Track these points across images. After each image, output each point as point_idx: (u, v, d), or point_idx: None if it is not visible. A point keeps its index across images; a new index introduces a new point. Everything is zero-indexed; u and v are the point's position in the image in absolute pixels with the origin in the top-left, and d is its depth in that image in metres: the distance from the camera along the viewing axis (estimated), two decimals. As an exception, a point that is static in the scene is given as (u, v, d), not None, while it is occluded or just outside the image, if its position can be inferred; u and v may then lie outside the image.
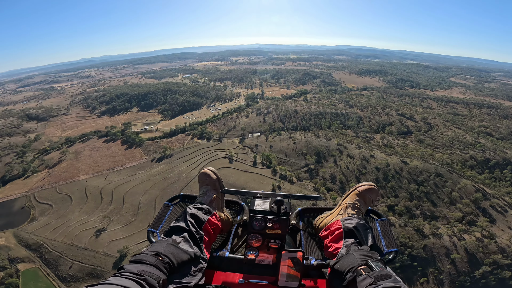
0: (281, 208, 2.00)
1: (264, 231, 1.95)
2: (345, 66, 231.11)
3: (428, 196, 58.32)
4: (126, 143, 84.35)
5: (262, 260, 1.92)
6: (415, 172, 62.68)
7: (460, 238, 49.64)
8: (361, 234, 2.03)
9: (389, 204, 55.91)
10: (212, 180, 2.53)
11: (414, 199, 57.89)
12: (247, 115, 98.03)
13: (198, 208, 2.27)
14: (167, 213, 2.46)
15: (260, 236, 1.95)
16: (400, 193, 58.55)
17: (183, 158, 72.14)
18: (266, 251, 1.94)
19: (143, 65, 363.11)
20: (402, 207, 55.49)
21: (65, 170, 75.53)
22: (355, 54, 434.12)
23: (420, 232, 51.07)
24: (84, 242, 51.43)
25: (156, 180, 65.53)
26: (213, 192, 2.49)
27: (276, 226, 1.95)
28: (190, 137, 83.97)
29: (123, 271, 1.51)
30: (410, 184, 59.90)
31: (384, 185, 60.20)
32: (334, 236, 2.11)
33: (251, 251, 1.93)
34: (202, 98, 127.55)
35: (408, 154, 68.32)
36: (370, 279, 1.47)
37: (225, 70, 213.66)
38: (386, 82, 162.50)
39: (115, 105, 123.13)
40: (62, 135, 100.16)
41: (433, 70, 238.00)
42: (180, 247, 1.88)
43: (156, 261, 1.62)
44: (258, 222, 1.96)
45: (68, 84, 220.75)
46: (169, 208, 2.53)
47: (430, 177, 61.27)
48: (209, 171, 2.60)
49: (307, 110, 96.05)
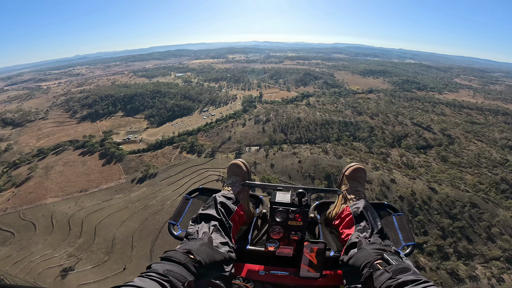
0: (302, 201, 1.95)
1: (285, 223, 1.91)
2: (346, 66, 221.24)
3: (463, 231, 48.90)
4: (105, 157, 73.22)
5: (282, 252, 1.94)
6: (447, 203, 52.95)
7: (499, 279, 42.35)
8: (369, 217, 1.99)
9: (417, 243, 46.25)
10: (243, 172, 2.49)
11: (447, 236, 48.47)
12: (244, 123, 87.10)
13: (227, 197, 2.21)
14: (187, 206, 2.43)
15: (282, 228, 1.92)
16: (430, 228, 48.98)
17: (168, 180, 61.36)
18: (286, 243, 1.94)
19: (136, 62, 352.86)
20: (433, 245, 45.99)
21: (32, 191, 64.48)
22: (354, 53, 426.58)
23: (454, 275, 43.08)
24: (48, 282, 44.70)
25: (135, 208, 54.84)
26: None
27: (298, 217, 1.91)
28: (178, 150, 72.93)
29: (149, 271, 1.47)
30: (442, 218, 50.24)
31: (410, 219, 50.37)
32: (345, 222, 2.10)
33: (271, 243, 1.92)
34: (194, 101, 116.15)
35: (435, 178, 58.48)
36: (388, 273, 1.40)
37: (220, 69, 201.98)
38: (391, 84, 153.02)
39: (98, 109, 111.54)
40: (36, 144, 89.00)
41: (436, 71, 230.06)
42: (214, 247, 1.79)
43: (186, 259, 1.56)
44: (280, 213, 1.91)
45: (55, 82, 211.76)
46: (189, 201, 2.49)
47: (465, 208, 51.78)
48: (241, 162, 2.52)
49: (312, 118, 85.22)
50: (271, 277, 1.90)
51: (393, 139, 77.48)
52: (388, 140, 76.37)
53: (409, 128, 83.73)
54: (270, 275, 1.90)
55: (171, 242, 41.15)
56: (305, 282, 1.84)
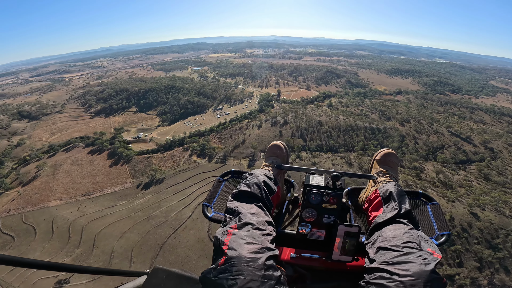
0: (336, 184, 1.92)
1: (319, 205, 1.89)
2: (370, 64, 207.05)
3: (502, 262, 40.57)
4: (113, 156, 69.86)
5: (314, 235, 1.92)
6: (489, 230, 44.34)
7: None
8: (397, 198, 1.92)
9: (448, 274, 38.60)
10: (283, 154, 2.47)
11: (484, 267, 40.29)
12: (260, 125, 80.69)
13: (269, 177, 2.14)
14: (220, 188, 2.44)
15: (315, 210, 1.89)
16: (467, 259, 40.87)
17: (175, 187, 56.57)
18: (318, 227, 1.91)
19: (156, 55, 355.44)
20: (466, 278, 38.25)
21: (37, 191, 62.18)
22: (378, 50, 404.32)
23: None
24: (43, 294, 40.88)
25: (138, 219, 50.51)
26: None
27: (332, 200, 1.88)
28: (188, 153, 68.04)
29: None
30: (482, 248, 41.92)
31: (445, 248, 42.34)
32: (374, 205, 2.06)
33: (303, 226, 1.90)
34: (209, 98, 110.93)
35: (478, 202, 49.56)
36: None
37: (238, 64, 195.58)
38: (422, 85, 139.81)
39: (112, 103, 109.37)
40: (49, 139, 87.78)
41: (470, 72, 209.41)
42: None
43: None
44: (315, 196, 1.88)
45: (78, 74, 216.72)
46: (221, 183, 2.50)
47: (508, 237, 43.06)
48: (281, 144, 2.50)
49: (334, 123, 77.07)
50: (302, 260, 1.87)
51: (427, 150, 67.90)
52: (421, 152, 66.99)
53: (445, 138, 73.60)
54: (301, 257, 1.88)
55: (172, 261, 34.15)
56: (335, 266, 1.82)
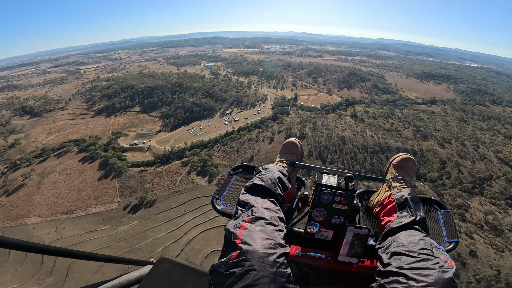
0: (349, 185, 1.87)
1: (330, 205, 1.85)
2: (398, 66, 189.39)
3: None
4: (104, 167, 62.18)
5: (322, 235, 1.90)
6: None
7: None
8: (412, 205, 1.86)
9: None
10: (298, 152, 2.46)
11: None
12: (272, 138, 70.30)
13: (283, 174, 2.10)
14: (230, 182, 2.40)
15: (325, 210, 1.86)
16: None
17: (166, 214, 47.82)
18: (326, 227, 1.88)
19: (172, 48, 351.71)
20: None
21: (18, 204, 55.60)
22: (403, 50, 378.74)
23: None
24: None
25: (119, 250, 42.21)
26: None
27: (344, 201, 1.84)
28: (187, 170, 59.04)
29: None
30: None
31: None
32: (387, 210, 1.99)
33: (312, 225, 1.88)
34: (217, 100, 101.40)
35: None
36: None
37: (253, 61, 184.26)
38: (458, 93, 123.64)
39: (115, 101, 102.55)
40: (44, 140, 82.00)
41: (507, 78, 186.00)
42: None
43: None
44: (326, 196, 1.84)
45: (94, 66, 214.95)
46: (232, 176, 2.46)
47: None
48: (298, 142, 2.50)
49: (361, 140, 65.18)
50: (307, 259, 1.85)
51: (473, 182, 55.46)
52: (466, 185, 54.61)
53: (493, 166, 60.51)
54: (307, 256, 1.86)
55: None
56: (340, 267, 1.80)
